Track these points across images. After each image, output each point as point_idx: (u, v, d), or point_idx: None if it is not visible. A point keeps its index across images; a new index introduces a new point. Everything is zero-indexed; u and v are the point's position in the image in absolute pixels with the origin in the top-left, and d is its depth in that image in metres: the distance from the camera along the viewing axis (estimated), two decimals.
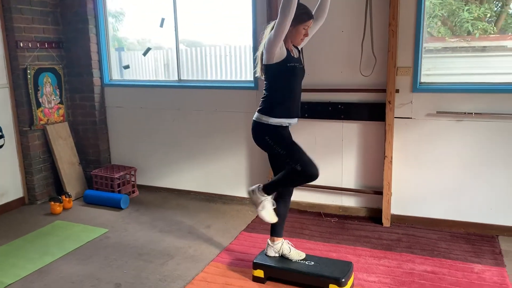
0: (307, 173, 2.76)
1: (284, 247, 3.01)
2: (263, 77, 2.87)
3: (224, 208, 4.38)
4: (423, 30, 3.61)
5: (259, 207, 2.92)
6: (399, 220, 3.90)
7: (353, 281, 2.90)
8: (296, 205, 4.21)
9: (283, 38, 2.64)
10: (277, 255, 3.02)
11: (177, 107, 4.68)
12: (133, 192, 4.85)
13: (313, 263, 2.92)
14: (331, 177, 4.10)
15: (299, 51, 2.93)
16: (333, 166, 4.09)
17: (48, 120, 4.69)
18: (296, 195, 3.14)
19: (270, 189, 2.94)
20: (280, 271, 2.92)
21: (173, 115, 4.71)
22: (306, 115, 3.98)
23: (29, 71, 4.43)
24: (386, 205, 3.82)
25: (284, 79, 2.78)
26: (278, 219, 3.01)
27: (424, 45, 3.67)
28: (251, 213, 4.20)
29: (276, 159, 2.99)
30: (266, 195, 2.94)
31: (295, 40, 2.81)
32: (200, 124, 4.61)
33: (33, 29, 4.50)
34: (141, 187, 5.00)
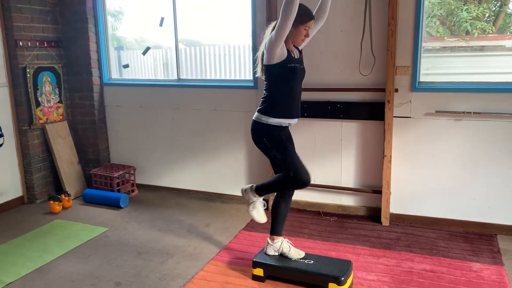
0: (299, 180, 2.81)
1: (284, 245, 3.01)
2: (264, 77, 2.88)
3: (223, 207, 4.39)
4: (422, 29, 3.62)
5: (250, 206, 3.04)
6: (398, 219, 3.91)
7: (353, 279, 2.91)
8: (295, 204, 4.21)
9: (284, 38, 2.65)
10: (276, 253, 3.03)
11: (177, 106, 4.68)
12: (133, 191, 4.86)
13: (312, 262, 2.93)
14: (330, 176, 4.12)
15: (299, 51, 2.93)
16: (332, 165, 4.10)
17: (47, 119, 4.69)
18: (295, 194, 3.15)
19: (262, 191, 3.03)
20: (280, 270, 2.93)
21: (173, 114, 4.72)
22: (306, 114, 3.99)
23: (28, 70, 4.43)
24: (385, 204, 3.83)
25: (284, 79, 2.79)
26: (278, 218, 3.04)
27: (423, 45, 3.68)
28: None
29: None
30: (257, 196, 3.03)
31: (296, 40, 2.81)
32: (199, 123, 4.61)
33: (32, 28, 4.50)
34: (141, 186, 5.00)
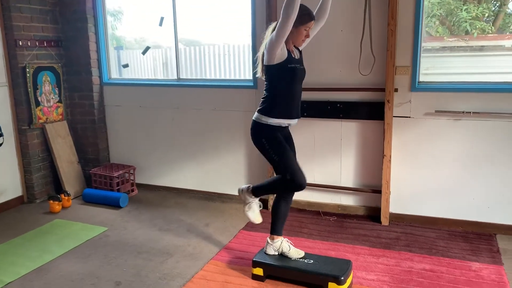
0: (295, 183, 2.84)
1: (284, 245, 3.02)
2: (264, 77, 2.88)
3: (223, 207, 4.39)
4: (421, 29, 3.62)
5: (246, 207, 3.12)
6: (397, 219, 3.91)
7: (352, 279, 2.91)
8: (295, 203, 4.21)
9: (285, 39, 2.65)
10: (276, 253, 3.03)
11: (176, 106, 4.68)
12: (132, 190, 4.86)
13: (312, 261, 2.93)
14: (330, 176, 4.12)
15: (299, 52, 2.93)
16: (332, 165, 4.10)
17: (47, 118, 4.69)
18: (295, 194, 3.16)
19: (258, 192, 3.08)
20: (280, 269, 2.93)
21: (172, 114, 4.72)
22: (305, 114, 3.99)
23: (28, 70, 4.43)
24: (384, 203, 3.83)
25: (284, 80, 2.79)
26: (278, 218, 3.04)
27: (422, 45, 3.68)
28: None
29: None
30: (253, 197, 3.09)
31: (296, 41, 2.81)
32: (199, 123, 4.61)
33: (32, 27, 4.49)
34: (140, 185, 5.00)
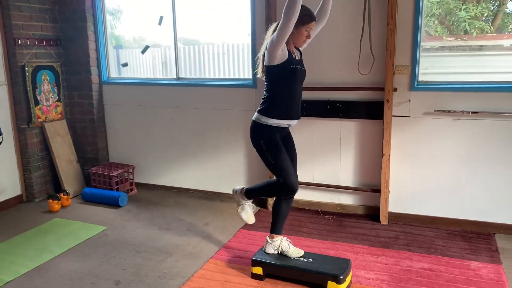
0: (287, 186, 2.88)
1: (283, 244, 3.02)
2: (264, 78, 2.88)
3: (222, 206, 4.39)
4: (421, 29, 3.62)
5: (239, 208, 3.20)
6: (396, 218, 3.92)
7: (351, 278, 2.92)
8: (294, 203, 4.16)
9: (286, 39, 2.65)
10: (276, 252, 3.03)
11: (176, 105, 4.68)
12: (131, 190, 4.86)
13: (311, 260, 2.94)
14: (329, 175, 4.12)
15: (300, 52, 2.93)
16: (331, 164, 4.11)
17: (46, 117, 4.68)
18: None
19: (251, 194, 3.14)
20: (279, 268, 2.93)
21: (172, 113, 4.71)
22: (305, 113, 3.99)
23: (27, 69, 4.42)
24: (383, 203, 3.84)
25: (285, 80, 2.79)
26: (278, 217, 3.03)
27: (421, 44, 3.68)
28: None
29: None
30: (246, 199, 3.16)
31: (297, 42, 2.81)
32: (199, 122, 4.61)
33: (31, 26, 4.49)
34: (139, 185, 5.00)
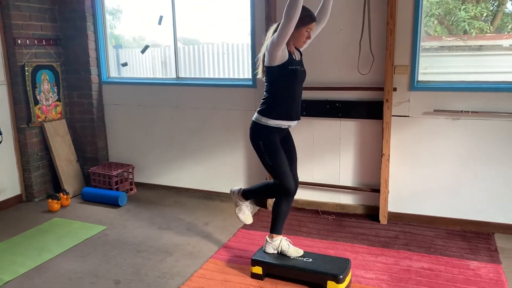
0: (284, 189, 2.90)
1: (283, 244, 3.02)
2: (264, 78, 2.88)
3: (222, 206, 4.40)
4: (420, 29, 3.63)
5: (236, 209, 3.26)
6: (396, 218, 3.93)
7: (351, 278, 2.92)
8: (294, 202, 4.14)
9: (286, 40, 2.64)
10: (275, 252, 3.04)
11: (175, 104, 4.68)
12: (131, 189, 4.86)
13: (311, 260, 2.94)
14: (329, 175, 4.13)
15: (300, 53, 2.93)
16: (330, 164, 4.11)
17: (45, 117, 4.68)
18: None
19: (248, 195, 3.18)
20: (279, 268, 2.93)
21: (171, 112, 4.72)
22: (304, 113, 3.98)
23: (27, 68, 4.42)
24: (383, 202, 3.85)
25: (285, 81, 2.79)
26: (278, 217, 3.04)
27: (421, 44, 3.68)
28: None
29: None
30: (244, 200, 3.19)
31: (297, 42, 2.81)
32: (198, 121, 4.61)
33: (30, 26, 4.48)
34: (139, 184, 5.00)
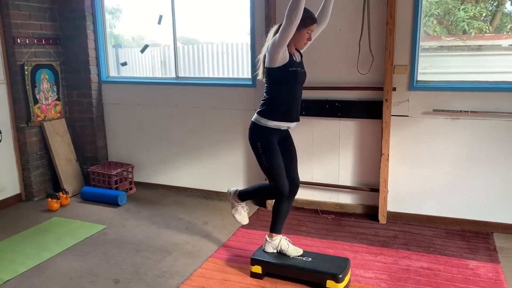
0: (278, 190, 2.92)
1: (282, 243, 3.02)
2: (265, 79, 2.88)
3: (221, 205, 4.40)
4: (420, 29, 3.63)
5: (232, 210, 3.27)
6: (395, 217, 3.93)
7: (350, 277, 2.92)
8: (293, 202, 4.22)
9: (287, 42, 2.64)
10: (275, 251, 3.04)
11: (175, 104, 4.68)
12: (131, 189, 4.86)
13: (310, 259, 2.94)
14: (328, 174, 4.13)
15: (301, 55, 2.93)
16: (330, 164, 4.12)
17: (45, 116, 4.68)
18: None
19: (244, 196, 3.19)
20: (278, 267, 2.94)
21: (171, 112, 4.72)
22: (304, 112, 3.99)
23: (26, 68, 4.42)
24: (382, 202, 3.85)
25: (285, 83, 2.80)
26: (279, 217, 3.05)
27: (420, 44, 3.69)
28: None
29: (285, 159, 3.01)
30: (239, 201, 3.21)
31: (298, 44, 2.81)
32: (198, 121, 4.62)
33: (30, 25, 4.48)
34: (139, 184, 5.01)
